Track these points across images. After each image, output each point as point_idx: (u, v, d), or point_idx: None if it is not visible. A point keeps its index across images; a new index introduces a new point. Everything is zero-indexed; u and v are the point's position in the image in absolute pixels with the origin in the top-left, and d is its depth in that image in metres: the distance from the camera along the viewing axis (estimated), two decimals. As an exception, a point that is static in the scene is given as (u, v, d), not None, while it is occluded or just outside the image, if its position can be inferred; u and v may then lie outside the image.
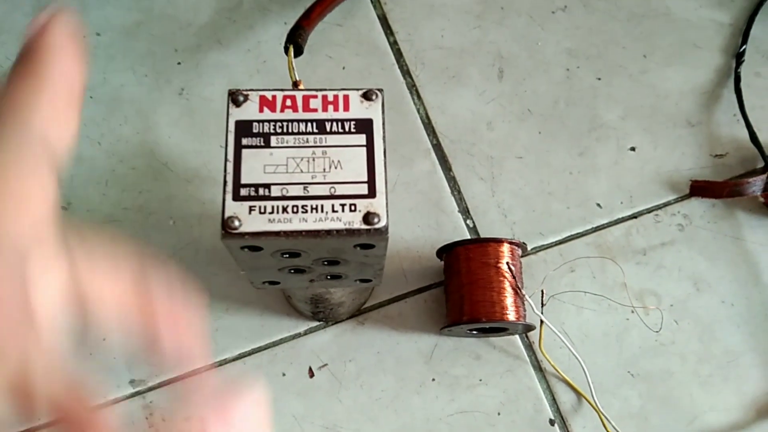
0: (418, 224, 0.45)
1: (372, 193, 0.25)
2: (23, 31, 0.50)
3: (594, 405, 0.41)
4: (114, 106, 0.47)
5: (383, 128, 0.26)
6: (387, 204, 0.25)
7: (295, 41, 0.41)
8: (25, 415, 0.19)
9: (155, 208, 0.45)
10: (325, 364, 0.42)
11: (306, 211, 0.25)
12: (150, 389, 0.41)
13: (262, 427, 0.22)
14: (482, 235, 0.45)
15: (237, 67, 0.48)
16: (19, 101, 0.21)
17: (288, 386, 0.41)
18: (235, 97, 0.26)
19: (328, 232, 0.25)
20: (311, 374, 0.42)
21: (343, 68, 0.49)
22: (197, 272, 0.43)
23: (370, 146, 0.26)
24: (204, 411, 0.22)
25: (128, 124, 0.46)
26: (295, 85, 0.33)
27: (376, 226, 0.25)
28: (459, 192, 0.46)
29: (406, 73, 0.49)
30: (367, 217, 0.25)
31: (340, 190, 0.25)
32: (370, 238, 0.25)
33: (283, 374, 0.41)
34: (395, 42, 0.50)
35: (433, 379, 0.42)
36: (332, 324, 0.42)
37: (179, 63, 0.48)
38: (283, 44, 0.41)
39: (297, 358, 0.42)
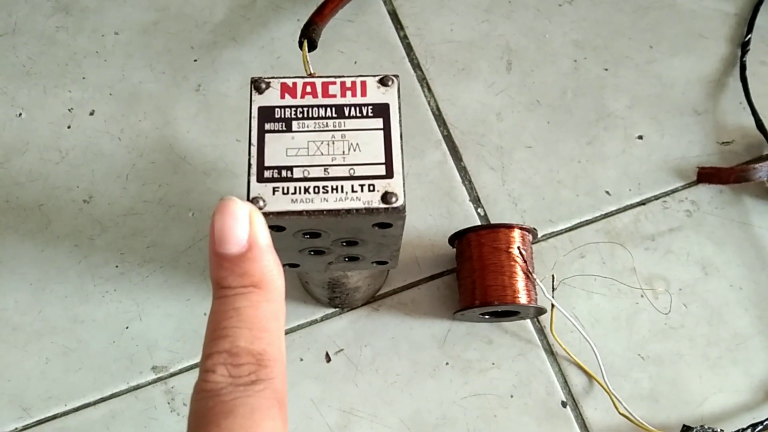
0: (431, 213, 0.46)
1: (390, 174, 0.26)
2: (44, 31, 0.52)
3: (605, 387, 0.42)
4: (133, 102, 0.48)
5: (399, 112, 0.28)
6: (404, 184, 0.27)
7: (309, 36, 0.42)
8: None
9: (174, 201, 0.46)
10: (342, 350, 0.43)
11: (327, 192, 0.26)
12: (172, 375, 0.42)
13: None
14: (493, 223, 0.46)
15: (252, 63, 0.50)
16: (272, 327, 0.23)
17: (306, 371, 0.42)
18: (258, 85, 0.27)
19: (348, 211, 0.26)
20: (328, 359, 0.43)
21: (355, 63, 0.50)
22: (216, 262, 0.44)
23: (387, 129, 0.27)
24: None
25: (147, 120, 0.48)
26: (310, 77, 0.34)
27: (394, 205, 0.26)
28: (470, 181, 0.47)
29: (416, 66, 0.50)
30: (385, 197, 0.26)
31: (359, 171, 0.26)
32: (388, 216, 0.26)
33: (301, 359, 0.42)
34: (405, 36, 0.51)
35: (447, 363, 0.43)
36: (348, 310, 0.44)
37: (196, 60, 0.50)
38: (296, 40, 0.42)
39: (314, 344, 0.43)
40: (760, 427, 0.41)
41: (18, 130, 0.47)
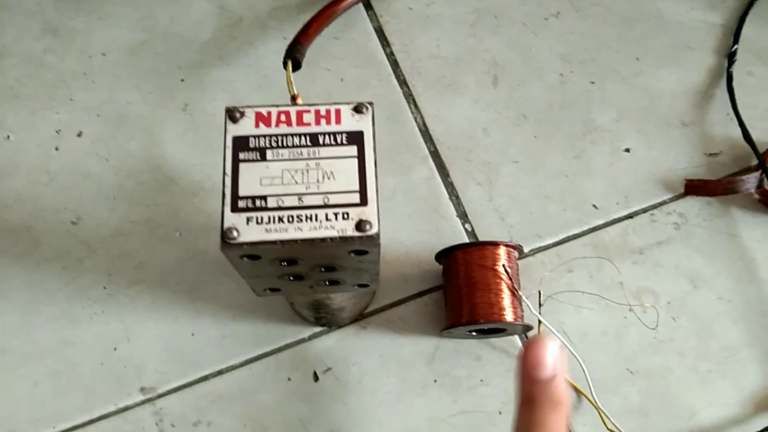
0: (418, 230, 0.46)
1: (364, 202, 0.26)
2: (32, 53, 0.52)
3: (594, 402, 0.41)
4: (120, 123, 0.48)
5: (373, 139, 0.28)
6: (378, 212, 0.27)
7: (293, 56, 0.42)
8: None
9: (162, 221, 0.46)
10: (330, 368, 0.43)
11: (301, 221, 0.26)
12: (160, 396, 0.42)
13: None
14: (480, 239, 0.46)
15: (239, 83, 0.50)
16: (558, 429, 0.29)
17: (294, 390, 0.42)
18: (232, 114, 0.28)
19: (323, 240, 0.26)
20: (316, 378, 0.43)
21: (342, 80, 0.50)
22: (204, 282, 0.44)
23: (361, 157, 0.27)
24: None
25: (135, 141, 0.48)
26: (294, 98, 0.34)
27: (369, 233, 0.26)
28: (457, 197, 0.47)
29: (402, 83, 0.50)
30: (360, 225, 0.26)
31: (334, 199, 0.26)
32: (362, 244, 0.26)
33: (289, 379, 0.42)
34: (392, 53, 0.51)
35: (435, 381, 0.43)
36: (335, 329, 0.44)
37: (183, 80, 0.50)
38: (282, 59, 0.42)
39: (302, 363, 0.43)
40: (750, 442, 0.40)
41: (6, 153, 0.48)
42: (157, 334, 0.43)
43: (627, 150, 0.48)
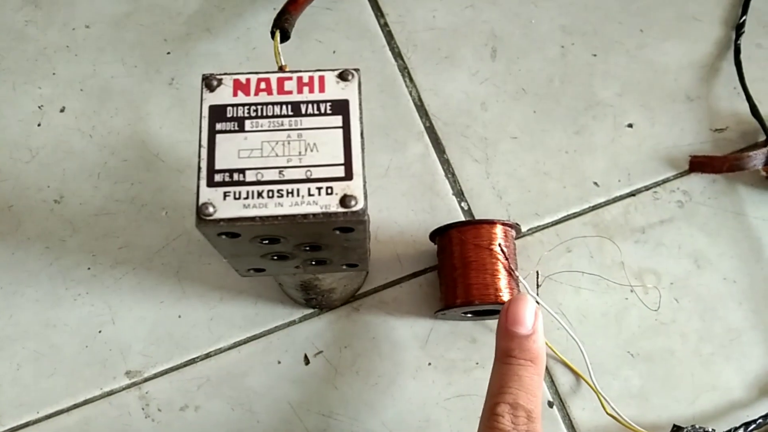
0: (412, 208, 0.44)
1: (349, 176, 0.25)
2: (13, 25, 0.50)
3: (593, 386, 0.40)
4: (104, 97, 0.47)
5: (360, 109, 0.26)
6: (365, 186, 0.25)
7: (282, 26, 0.40)
8: None
9: (147, 200, 0.44)
10: (321, 351, 0.42)
11: (282, 196, 0.24)
12: (146, 380, 0.41)
13: None
14: (477, 218, 0.44)
15: (227, 56, 0.48)
16: (539, 395, 0.31)
17: (284, 374, 0.41)
18: (209, 82, 0.26)
19: (305, 216, 0.24)
20: (307, 361, 0.41)
21: (334, 52, 0.48)
22: (191, 263, 0.43)
23: (346, 128, 0.25)
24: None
25: (119, 116, 0.46)
26: (281, 70, 0.33)
27: (353, 209, 0.24)
28: (453, 174, 0.45)
29: (397, 55, 0.48)
30: (344, 200, 0.24)
31: (317, 173, 0.25)
32: (347, 221, 0.25)
33: (279, 362, 0.41)
34: (386, 24, 0.49)
35: (429, 364, 0.41)
36: (327, 311, 0.42)
37: (169, 53, 0.48)
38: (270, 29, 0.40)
39: (292, 346, 0.42)
40: (753, 426, 0.39)
41: (-14, 129, 0.46)
42: (142, 316, 0.42)
43: (630, 125, 0.47)
